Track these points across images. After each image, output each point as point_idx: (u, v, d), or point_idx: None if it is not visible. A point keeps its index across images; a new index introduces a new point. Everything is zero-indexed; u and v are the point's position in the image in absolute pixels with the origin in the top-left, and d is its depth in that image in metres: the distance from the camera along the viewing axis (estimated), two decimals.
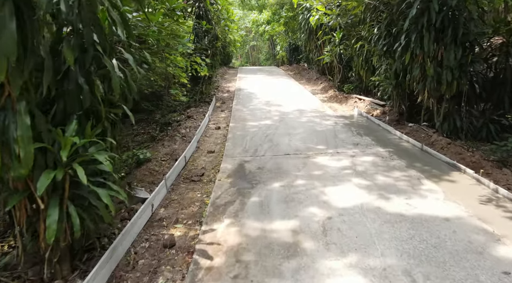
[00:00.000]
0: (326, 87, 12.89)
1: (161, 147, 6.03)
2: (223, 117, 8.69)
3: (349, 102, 9.91)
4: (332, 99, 10.93)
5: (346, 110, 9.09)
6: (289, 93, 11.87)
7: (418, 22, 5.60)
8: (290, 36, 24.59)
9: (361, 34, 9.91)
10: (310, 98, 10.98)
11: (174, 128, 7.74)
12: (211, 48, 10.55)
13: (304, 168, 4.62)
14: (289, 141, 6.02)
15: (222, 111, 9.44)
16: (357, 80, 10.66)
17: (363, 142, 5.79)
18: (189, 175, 4.84)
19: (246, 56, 45.14)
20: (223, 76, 17.36)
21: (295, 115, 8.26)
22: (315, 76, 15.30)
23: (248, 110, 9.07)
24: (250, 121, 7.78)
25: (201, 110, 9.20)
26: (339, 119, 7.73)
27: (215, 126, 7.71)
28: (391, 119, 7.21)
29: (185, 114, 8.89)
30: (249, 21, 29.23)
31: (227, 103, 10.51)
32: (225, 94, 12.28)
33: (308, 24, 14.10)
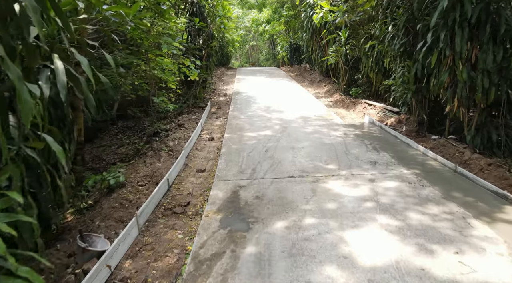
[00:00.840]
0: (331, 90, 11.96)
1: (142, 165, 5.10)
2: (218, 125, 7.76)
3: (357, 108, 8.98)
4: (338, 104, 10.00)
5: (355, 118, 8.16)
6: (291, 97, 10.94)
7: (448, 16, 4.67)
8: (291, 35, 23.69)
9: (370, 32, 8.99)
10: (314, 102, 10.05)
11: (161, 139, 6.81)
12: (206, 48, 9.63)
13: (314, 198, 3.69)
14: (293, 157, 5.10)
15: (217, 118, 8.51)
16: (365, 83, 9.74)
17: (381, 160, 4.87)
18: (171, 204, 3.91)
19: (245, 56, 44.27)
20: (221, 78, 16.44)
21: (299, 123, 7.33)
22: (318, 78, 14.38)
23: (246, 117, 8.14)
24: (247, 131, 6.85)
25: (194, 117, 8.27)
26: (348, 129, 6.80)
27: (208, 137, 6.78)
28: (410, 129, 6.29)
29: (176, 122, 7.96)
30: (249, 20, 28.33)
31: (224, 109, 9.58)
32: (222, 98, 11.35)
33: (311, 22, 13.18)
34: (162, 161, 5.31)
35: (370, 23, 9.15)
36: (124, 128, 8.40)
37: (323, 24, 12.36)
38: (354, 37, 10.85)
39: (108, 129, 8.29)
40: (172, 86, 6.27)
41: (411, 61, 6.11)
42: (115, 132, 8.21)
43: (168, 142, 6.35)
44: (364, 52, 9.20)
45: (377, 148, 5.49)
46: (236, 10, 26.04)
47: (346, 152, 5.31)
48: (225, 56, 22.20)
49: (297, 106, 9.35)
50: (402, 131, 6.44)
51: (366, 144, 5.72)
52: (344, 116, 8.34)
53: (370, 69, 8.95)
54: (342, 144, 5.75)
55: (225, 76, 17.62)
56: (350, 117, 8.21)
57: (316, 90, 12.73)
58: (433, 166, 4.63)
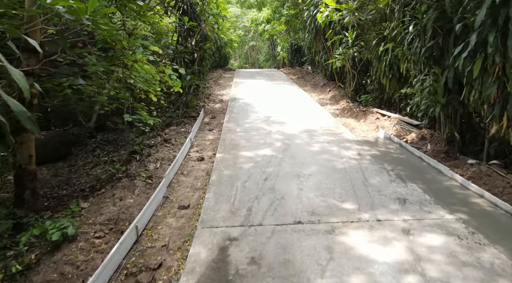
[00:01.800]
0: (337, 96, 10.93)
1: (109, 199, 4.07)
2: (210, 140, 6.73)
3: (368, 119, 7.95)
4: (346, 113, 8.97)
5: (367, 131, 7.13)
6: (293, 104, 9.91)
7: (499, 14, 3.65)
8: (292, 36, 22.71)
9: (383, 33, 7.98)
10: (319, 111, 9.02)
11: (142, 160, 5.79)
12: (198, 51, 8.60)
13: (331, 265, 2.66)
14: (299, 190, 4.07)
15: (210, 130, 7.48)
16: (376, 90, 8.71)
17: (411, 196, 3.84)
18: (137, 266, 2.88)
19: (245, 56, 43.34)
20: (217, 81, 15.41)
21: (304, 139, 6.30)
22: (322, 82, 13.35)
23: (243, 130, 7.10)
24: (243, 149, 5.81)
25: (183, 130, 7.24)
26: (363, 147, 5.77)
27: (198, 156, 5.75)
28: (437, 150, 5.26)
29: (162, 136, 6.94)
30: (248, 20, 27.30)
31: (218, 118, 8.55)
32: (217, 105, 10.32)
33: (314, 22, 12.15)
34: (136, 193, 4.28)
35: (383, 23, 8.12)
36: (104, 143, 7.37)
37: (327, 24, 11.33)
38: (362, 39, 9.83)
39: (85, 143, 7.27)
40: (153, 99, 5.22)
41: (440, 68, 5.09)
42: (92, 147, 7.18)
43: (148, 165, 5.32)
44: (375, 55, 8.17)
45: (402, 176, 4.46)
46: (234, 9, 25.02)
47: (364, 182, 4.28)
48: (223, 58, 21.19)
49: (300, 116, 8.32)
50: (427, 150, 5.41)
51: (387, 169, 4.69)
52: (354, 129, 7.30)
53: (383, 74, 7.93)
54: (358, 169, 4.72)
55: (222, 79, 16.59)
56: (361, 130, 7.18)
57: (320, 96, 11.70)
58: (482, 206, 3.59)
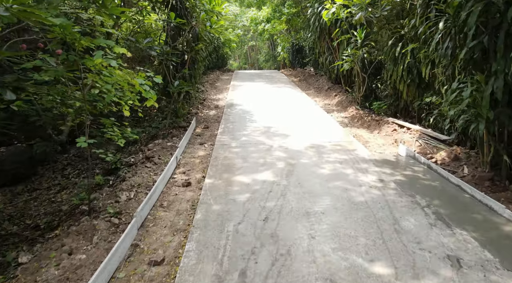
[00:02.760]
0: (344, 101, 9.91)
1: (55, 253, 3.05)
2: (201, 157, 5.71)
3: (383, 130, 6.93)
4: (356, 122, 7.95)
5: (384, 145, 6.11)
6: (296, 111, 8.88)
7: None
8: (293, 35, 21.70)
9: (400, 32, 6.96)
10: (325, 120, 7.99)
11: (115, 184, 4.79)
12: (190, 52, 7.59)
13: None
14: (310, 240, 3.05)
15: (201, 144, 6.46)
16: (391, 97, 7.68)
17: (466, 254, 2.82)
18: None
19: (244, 57, 42.38)
20: (214, 84, 14.39)
21: (311, 158, 5.27)
22: (327, 85, 12.33)
23: (239, 145, 6.08)
24: (239, 172, 4.79)
25: (170, 145, 6.22)
26: (383, 169, 4.75)
27: (184, 180, 4.73)
28: (479, 176, 4.23)
29: (144, 152, 5.92)
30: (247, 19, 26.27)
31: (212, 128, 7.54)
32: (212, 112, 9.30)
33: (319, 20, 11.14)
34: (94, 241, 3.25)
35: (400, 20, 7.11)
36: (77, 159, 6.36)
37: (333, 22, 10.32)
38: (373, 38, 8.82)
39: (54, 161, 6.25)
40: (126, 114, 4.18)
41: (483, 74, 4.06)
42: (63, 165, 6.17)
43: (120, 194, 4.29)
44: (391, 56, 7.15)
45: (443, 216, 3.44)
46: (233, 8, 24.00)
47: (395, 225, 3.26)
48: (221, 58, 20.17)
49: (305, 126, 7.29)
50: (464, 175, 4.38)
51: (422, 205, 3.67)
52: (368, 143, 6.28)
53: (400, 79, 6.91)
54: (383, 204, 3.70)
55: (219, 82, 15.57)
56: (376, 145, 6.15)
57: (326, 101, 10.68)
58: None
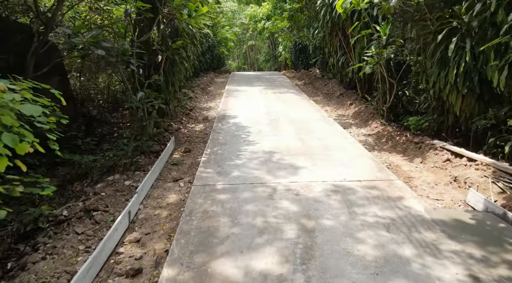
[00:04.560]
0: (362, 112, 8.02)
1: None
2: (170, 207, 3.82)
3: (428, 157, 5.02)
4: (384, 143, 6.06)
5: (437, 185, 4.20)
6: (305, 126, 6.96)
7: None
8: (296, 34, 19.84)
9: (451, 24, 5.08)
10: (344, 139, 6.07)
11: (17, 268, 2.90)
12: (165, 51, 5.70)
13: None
14: None
15: (175, 181, 4.56)
16: (434, 110, 5.77)
17: None
18: None
19: (243, 56, 40.55)
20: (206, 89, 12.47)
21: (337, 217, 3.35)
22: (338, 91, 10.43)
23: (228, 186, 4.17)
24: (222, 251, 2.87)
25: (128, 184, 4.32)
26: (466, 248, 2.83)
27: (133, 259, 2.85)
28: None
29: (89, 198, 4.01)
30: (246, 16, 24.39)
31: (194, 153, 5.64)
32: (198, 127, 7.40)
33: (330, 13, 9.25)
34: None
35: (446, 9, 5.21)
36: None
37: (349, 15, 8.45)
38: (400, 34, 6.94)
39: None
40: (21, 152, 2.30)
41: None
42: None
43: None
44: (436, 57, 5.26)
45: None
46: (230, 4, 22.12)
47: None
48: (216, 58, 18.26)
49: (319, 150, 5.39)
50: None
51: None
52: (412, 180, 4.39)
53: (451, 87, 5.02)
54: None
55: (212, 85, 13.65)
56: (426, 184, 4.25)
57: (339, 111, 8.78)
58: None
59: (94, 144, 6.01)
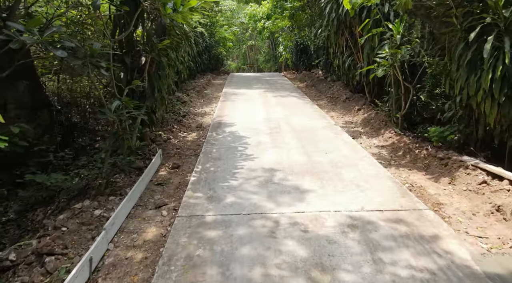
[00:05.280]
0: (373, 120, 7.25)
1: None
2: (147, 245, 3.04)
3: (458, 177, 4.25)
4: (402, 156, 5.29)
5: (476, 215, 3.43)
6: (310, 136, 6.18)
7: None
8: (297, 33, 19.08)
9: (484, 20, 4.32)
10: (355, 152, 5.28)
11: None
12: (150, 52, 4.93)
13: None
14: None
15: (157, 208, 3.78)
16: (461, 120, 4.99)
17: None
18: None
19: (243, 57, 39.79)
20: (202, 92, 11.71)
21: (359, 267, 2.54)
22: (344, 94, 9.66)
23: (219, 217, 3.39)
24: None
25: (98, 214, 3.55)
26: None
27: None
28: None
29: (39, 242, 3.22)
30: (245, 16, 23.62)
31: (184, 169, 4.87)
32: (190, 136, 6.63)
33: (336, 10, 8.48)
34: None
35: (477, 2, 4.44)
36: None
37: (357, 13, 7.70)
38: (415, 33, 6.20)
39: None
40: None
41: None
42: None
43: None
44: (464, 60, 4.50)
45: None
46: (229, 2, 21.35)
47: None
48: (214, 59, 17.50)
49: (328, 167, 4.61)
50: None
51: None
52: (442, 207, 3.62)
53: (484, 94, 4.26)
54: None
55: (209, 88, 12.88)
56: (461, 214, 3.48)
57: (346, 117, 8.02)
58: None
59: (71, 158, 5.23)
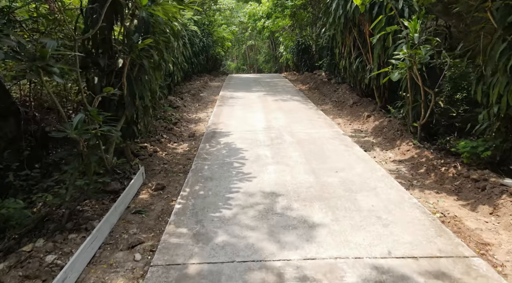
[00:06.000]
0: (385, 128, 6.48)
1: None
2: None
3: (501, 206, 3.46)
4: (425, 175, 4.51)
5: None
6: (317, 151, 5.38)
7: None
8: (298, 33, 18.32)
9: None
10: (370, 169, 4.47)
11: None
12: (129, 53, 4.16)
13: None
14: None
15: (130, 248, 3.00)
16: (498, 134, 4.22)
17: None
18: None
19: (242, 57, 39.06)
20: (197, 94, 10.93)
21: None
22: (351, 98, 8.89)
23: (204, 267, 2.59)
24: None
25: (51, 261, 2.77)
26: None
27: None
28: None
29: None
30: (245, 15, 22.85)
31: (169, 191, 4.10)
32: (181, 148, 5.86)
33: (344, 6, 7.71)
34: None
35: None
36: None
37: (367, 9, 6.93)
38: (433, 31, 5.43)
39: None
40: None
41: None
42: None
43: None
44: (508, 63, 3.73)
45: None
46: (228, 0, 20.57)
47: None
48: (211, 60, 16.73)
49: (342, 194, 3.84)
50: None
51: None
52: (490, 250, 2.85)
53: None
54: None
55: (206, 91, 12.11)
56: None
57: (354, 125, 7.24)
58: None
59: (40, 176, 4.45)
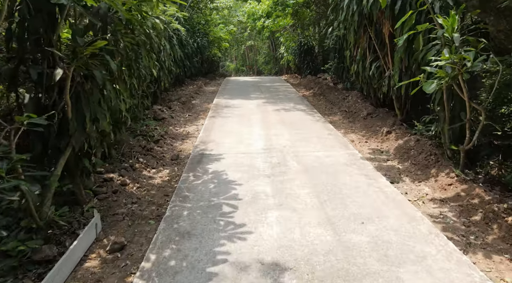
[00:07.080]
0: (413, 150, 5.26)
1: None
2: None
3: None
4: (483, 226, 3.29)
5: None
6: (333, 187, 4.16)
7: None
8: (300, 33, 17.15)
9: None
10: (414, 227, 3.25)
11: None
12: (72, 61, 2.95)
13: None
14: None
15: None
16: None
17: None
18: None
19: (242, 58, 37.88)
20: (189, 102, 9.71)
21: None
22: (364, 109, 7.67)
23: None
24: None
25: None
26: None
27: None
28: None
29: None
30: (244, 14, 21.66)
31: (131, 249, 2.88)
32: (159, 178, 4.64)
33: (359, 1, 6.52)
34: None
35: None
36: None
37: (389, 3, 5.74)
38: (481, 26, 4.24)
39: None
40: None
41: None
42: None
43: None
44: None
45: None
46: None
47: None
48: (207, 62, 15.51)
49: (378, 269, 2.64)
50: None
51: None
52: None
53: None
54: None
55: (198, 98, 10.88)
56: None
57: (372, 143, 6.03)
58: None
59: None
